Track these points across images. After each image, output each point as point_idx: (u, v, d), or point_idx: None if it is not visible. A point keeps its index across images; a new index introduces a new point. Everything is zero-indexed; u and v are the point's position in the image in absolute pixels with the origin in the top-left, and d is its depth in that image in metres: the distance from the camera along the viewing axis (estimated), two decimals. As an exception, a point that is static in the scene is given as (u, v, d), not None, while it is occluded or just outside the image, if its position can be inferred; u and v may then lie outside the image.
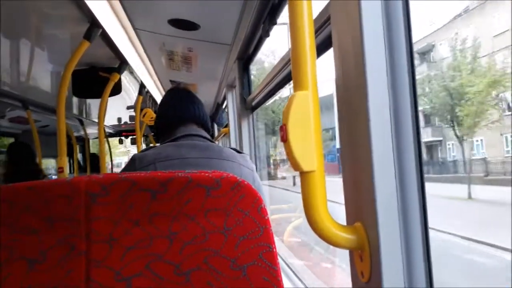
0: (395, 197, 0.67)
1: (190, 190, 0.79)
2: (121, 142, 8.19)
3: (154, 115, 4.61)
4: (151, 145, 6.66)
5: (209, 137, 1.53)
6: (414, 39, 0.72)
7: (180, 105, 1.57)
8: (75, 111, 4.89)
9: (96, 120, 3.54)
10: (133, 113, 4.99)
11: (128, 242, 0.80)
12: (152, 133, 7.25)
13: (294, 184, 8.61)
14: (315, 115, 0.66)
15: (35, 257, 0.79)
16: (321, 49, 1.16)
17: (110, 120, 6.32)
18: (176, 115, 1.54)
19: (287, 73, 1.75)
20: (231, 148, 1.51)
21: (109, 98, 3.07)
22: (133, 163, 1.37)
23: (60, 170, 2.18)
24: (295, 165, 0.65)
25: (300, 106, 0.65)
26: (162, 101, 1.68)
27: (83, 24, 2.09)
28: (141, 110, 4.36)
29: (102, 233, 0.79)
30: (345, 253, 0.78)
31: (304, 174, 0.66)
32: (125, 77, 3.42)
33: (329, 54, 1.09)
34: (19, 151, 3.39)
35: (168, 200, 0.79)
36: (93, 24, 2.08)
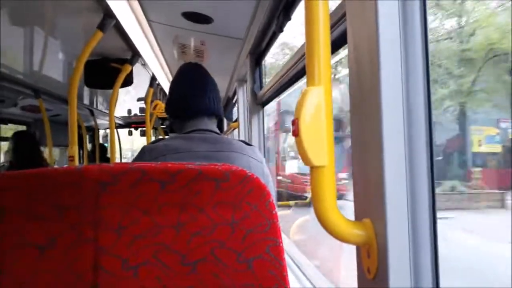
0: (404, 194, 0.67)
1: (200, 182, 0.80)
2: (130, 133, 8.23)
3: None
4: (160, 137, 6.67)
5: (218, 131, 1.52)
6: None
7: (192, 96, 1.51)
8: (86, 101, 4.92)
9: (107, 111, 3.56)
10: (144, 105, 5.01)
11: (136, 231, 0.80)
12: (162, 126, 7.28)
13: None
14: (327, 110, 0.66)
15: (44, 243, 0.80)
16: (336, 45, 1.15)
17: (120, 111, 6.36)
18: (188, 108, 1.51)
19: (300, 68, 1.74)
20: (240, 140, 1.51)
21: (120, 90, 3.08)
22: (143, 155, 1.38)
23: (70, 159, 2.20)
24: (306, 160, 0.65)
25: (313, 101, 0.65)
26: (174, 81, 1.61)
27: (97, 14, 2.10)
28: (152, 102, 4.38)
29: (111, 221, 0.80)
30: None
31: (314, 169, 0.66)
32: (137, 69, 3.44)
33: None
34: (23, 140, 3.41)
35: (177, 191, 0.80)
36: (107, 14, 2.09)
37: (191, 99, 1.51)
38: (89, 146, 7.13)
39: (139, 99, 5.24)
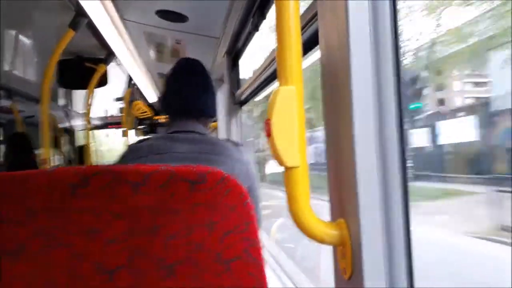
0: (377, 195, 0.68)
1: (174, 184, 0.79)
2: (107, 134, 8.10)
3: (144, 108, 4.59)
4: (146, 136, 6.58)
5: (205, 132, 1.50)
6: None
7: (183, 94, 1.49)
8: (60, 102, 4.83)
9: (82, 112, 3.51)
10: (122, 105, 4.96)
11: (109, 235, 0.79)
12: (140, 127, 7.20)
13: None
14: (299, 110, 0.66)
15: (15, 248, 0.78)
16: (308, 46, 1.16)
17: (96, 111, 6.26)
18: (177, 107, 1.49)
19: (275, 69, 1.74)
20: (227, 140, 1.50)
21: (96, 90, 3.04)
22: (127, 154, 1.39)
23: (43, 161, 2.16)
24: (279, 160, 0.65)
25: (284, 101, 0.65)
26: (169, 75, 1.56)
27: (69, 12, 2.06)
28: (131, 102, 4.34)
29: (83, 225, 0.78)
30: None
31: (287, 170, 0.66)
32: (113, 69, 3.39)
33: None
34: (18, 141, 3.39)
35: (150, 193, 0.79)
36: (79, 13, 2.06)
37: (182, 98, 1.48)
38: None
39: (117, 99, 5.18)
